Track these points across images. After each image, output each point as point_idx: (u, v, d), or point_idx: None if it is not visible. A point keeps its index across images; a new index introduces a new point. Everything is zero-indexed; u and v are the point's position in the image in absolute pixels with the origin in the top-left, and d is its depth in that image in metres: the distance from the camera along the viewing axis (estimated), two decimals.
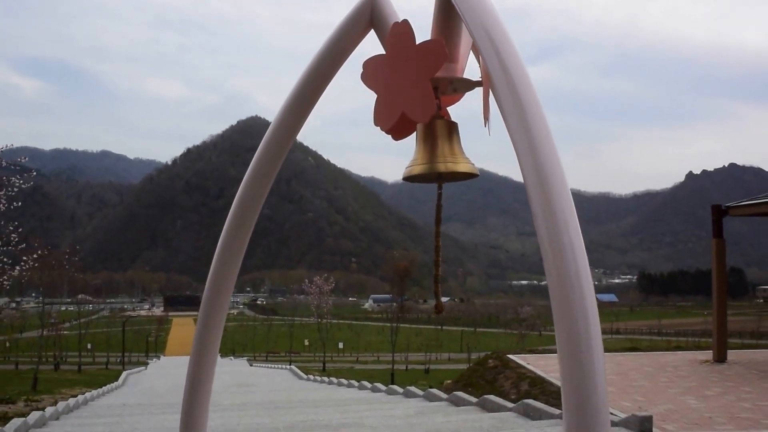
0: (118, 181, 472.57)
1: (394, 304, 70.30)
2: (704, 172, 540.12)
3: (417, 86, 2.46)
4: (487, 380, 11.03)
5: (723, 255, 12.10)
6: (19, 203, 16.72)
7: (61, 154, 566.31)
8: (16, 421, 7.41)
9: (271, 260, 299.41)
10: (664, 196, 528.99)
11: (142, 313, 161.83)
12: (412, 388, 12.48)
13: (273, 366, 42.79)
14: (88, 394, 14.77)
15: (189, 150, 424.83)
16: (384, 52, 2.59)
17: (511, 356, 12.18)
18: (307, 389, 17.48)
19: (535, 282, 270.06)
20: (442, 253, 3.02)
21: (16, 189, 16.22)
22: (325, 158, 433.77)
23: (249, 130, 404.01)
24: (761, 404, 7.94)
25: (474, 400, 9.39)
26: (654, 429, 6.33)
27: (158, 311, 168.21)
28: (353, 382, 18.52)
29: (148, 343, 76.52)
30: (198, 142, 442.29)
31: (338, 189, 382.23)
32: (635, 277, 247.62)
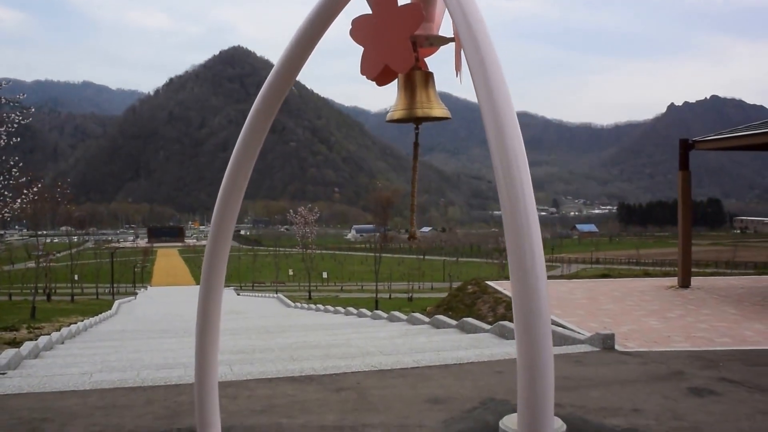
0: (100, 113, 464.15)
1: (377, 234, 71.11)
2: (686, 103, 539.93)
3: (398, 42, 2.85)
4: (466, 305, 11.66)
5: (688, 187, 12.61)
6: (18, 138, 16.75)
7: (43, 86, 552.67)
8: (28, 344, 7.91)
9: (254, 191, 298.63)
10: (645, 128, 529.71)
11: (127, 244, 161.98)
12: (396, 313, 13.14)
13: (260, 295, 43.73)
14: (86, 321, 15.32)
15: (171, 80, 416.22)
16: (370, 12, 2.96)
17: (489, 282, 12.82)
18: (295, 316, 18.16)
19: None
20: (425, 183, 3.49)
21: (15, 125, 16.22)
22: (309, 88, 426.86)
23: (231, 61, 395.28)
24: (717, 325, 8.60)
25: (454, 322, 10.03)
26: (616, 346, 6.95)
27: (142, 242, 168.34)
28: (339, 308, 19.24)
29: (135, 274, 77.32)
30: (180, 72, 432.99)
31: (321, 118, 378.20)
32: (615, 207, 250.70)
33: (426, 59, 3.25)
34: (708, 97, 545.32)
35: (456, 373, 5.91)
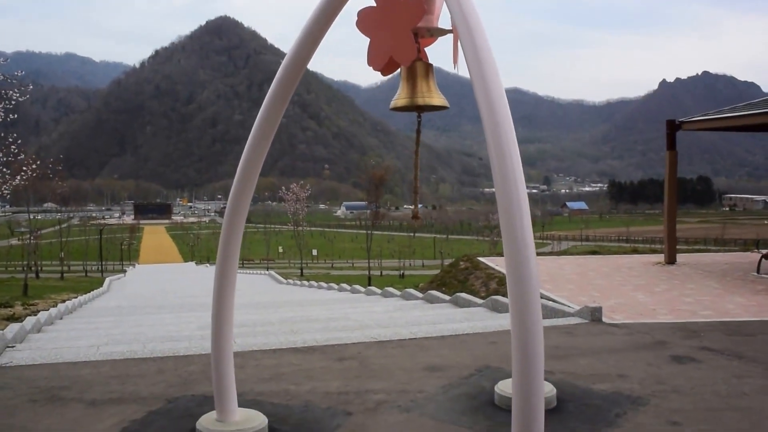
0: (84, 86, 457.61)
1: (368, 211, 71.29)
2: (678, 80, 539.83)
3: (401, 35, 3.08)
4: (459, 280, 11.96)
5: (675, 166, 12.91)
6: (16, 115, 16.75)
7: (24, 57, 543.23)
8: (31, 319, 8.11)
9: None
10: (637, 104, 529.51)
11: (112, 221, 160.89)
12: (390, 289, 13.41)
13: (251, 272, 43.94)
14: (81, 298, 15.51)
15: (157, 52, 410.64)
16: (374, 4, 3.17)
17: (481, 259, 13.12)
18: (289, 292, 18.43)
19: None
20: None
21: (13, 102, 16.21)
22: None
23: (218, 31, 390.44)
24: (700, 298, 8.94)
25: (447, 297, 10.31)
26: (604, 318, 7.26)
27: (128, 219, 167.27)
28: (333, 285, 19.51)
29: (122, 252, 77.21)
30: (166, 43, 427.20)
31: (311, 93, 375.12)
32: (606, 185, 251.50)
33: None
34: (699, 74, 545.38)
35: (452, 343, 6.18)
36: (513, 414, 2.50)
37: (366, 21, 3.15)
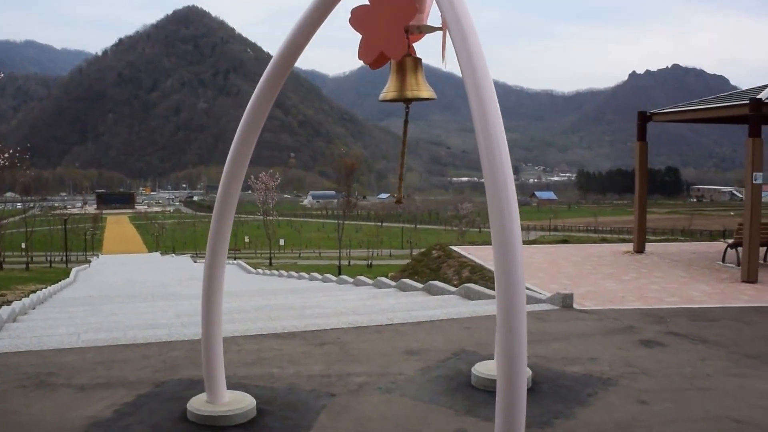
0: (44, 73, 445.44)
1: (335, 200, 71.14)
2: (647, 72, 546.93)
3: (393, 31, 3.22)
4: (432, 269, 12.15)
5: (645, 157, 13.26)
6: None
7: None
8: (6, 309, 8.06)
9: (208, 156, 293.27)
10: (606, 95, 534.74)
11: (74, 211, 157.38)
12: (362, 278, 13.54)
13: None
14: (50, 288, 15.33)
15: (121, 40, 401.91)
16: (368, 2, 3.29)
17: (453, 247, 13.32)
18: (259, 281, 18.44)
19: (475, 179, 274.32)
20: (383, 149, 3.89)
21: None
22: (265, 50, 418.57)
23: (185, 21, 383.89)
24: (667, 286, 9.27)
25: (420, 285, 10.48)
26: (575, 305, 7.50)
27: (91, 209, 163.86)
28: (303, 274, 19.57)
29: (86, 242, 75.86)
30: (131, 32, 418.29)
31: None
32: (574, 175, 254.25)
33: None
34: (669, 66, 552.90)
35: (428, 329, 6.36)
36: (498, 393, 2.65)
37: (359, 18, 3.28)
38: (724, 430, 3.77)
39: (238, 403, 3.91)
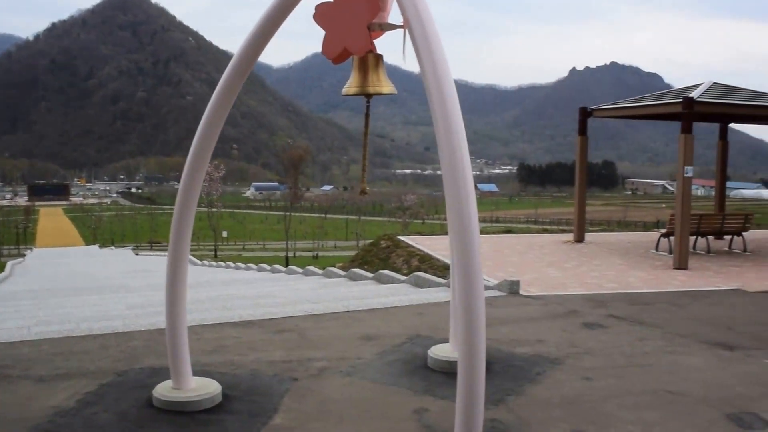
0: None
1: (278, 192, 70.64)
2: (587, 68, 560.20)
3: (357, 29, 3.37)
4: (381, 258, 12.35)
5: (585, 151, 13.80)
6: None
7: None
8: None
9: (147, 146, 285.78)
10: (547, 90, 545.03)
11: (3, 203, 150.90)
12: (311, 268, 13.65)
13: (161, 254, 42.82)
14: None
15: (54, 25, 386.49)
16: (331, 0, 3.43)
17: (401, 238, 13.57)
18: (208, 273, 18.27)
19: (418, 171, 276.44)
20: (327, 141, 4.07)
21: None
22: (207, 39, 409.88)
23: (122, 6, 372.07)
24: (606, 273, 9.73)
25: (370, 275, 10.67)
26: (521, 291, 7.82)
27: (22, 201, 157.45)
28: (251, 265, 19.50)
29: (18, 235, 73.17)
30: (65, 16, 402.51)
31: (220, 72, 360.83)
32: (516, 168, 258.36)
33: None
34: (608, 64, 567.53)
35: (382, 316, 6.55)
36: (459, 372, 2.82)
37: (323, 14, 3.41)
38: (662, 401, 4.08)
39: (205, 388, 4.01)
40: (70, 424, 3.65)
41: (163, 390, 3.98)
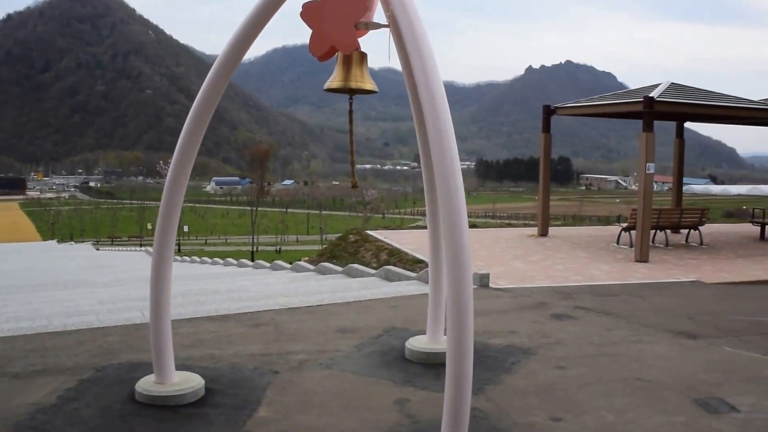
0: None
1: (239, 187, 69.87)
2: (542, 67, 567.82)
3: (344, 27, 3.45)
4: (350, 252, 12.42)
5: (549, 148, 14.09)
6: None
7: None
8: None
9: (106, 140, 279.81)
10: (504, 88, 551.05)
11: None
12: (279, 262, 13.65)
13: (123, 249, 42.10)
14: None
15: (10, 16, 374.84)
16: None
17: (370, 232, 13.66)
18: (175, 268, 18.08)
19: (378, 166, 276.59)
20: (288, 136, 4.15)
21: None
22: (168, 33, 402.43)
23: None
24: (570, 266, 9.97)
25: (340, 269, 10.73)
26: (491, 284, 7.99)
27: None
28: (217, 260, 19.37)
29: None
30: (21, 8, 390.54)
31: (180, 66, 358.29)
32: (473, 163, 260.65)
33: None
34: (563, 62, 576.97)
35: (357, 309, 6.64)
36: (448, 361, 2.90)
37: (310, 13, 3.48)
38: (632, 387, 4.26)
39: (188, 382, 4.04)
40: (52, 420, 3.65)
41: (146, 384, 4.00)
